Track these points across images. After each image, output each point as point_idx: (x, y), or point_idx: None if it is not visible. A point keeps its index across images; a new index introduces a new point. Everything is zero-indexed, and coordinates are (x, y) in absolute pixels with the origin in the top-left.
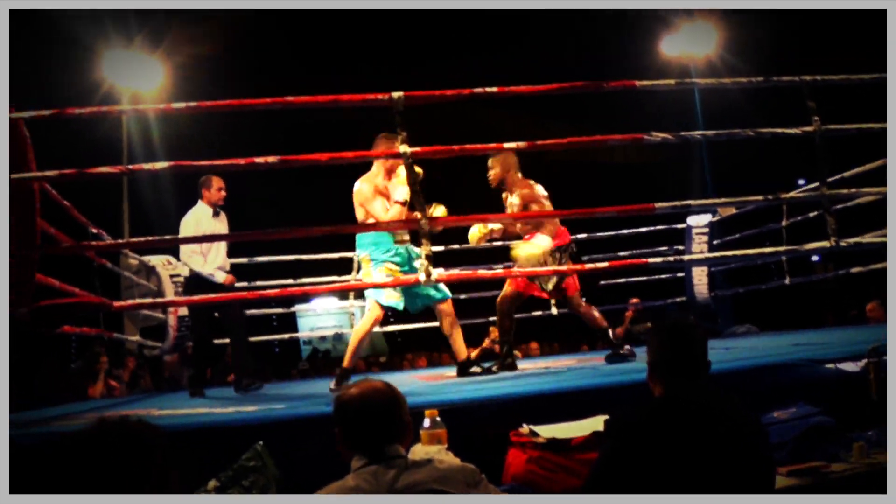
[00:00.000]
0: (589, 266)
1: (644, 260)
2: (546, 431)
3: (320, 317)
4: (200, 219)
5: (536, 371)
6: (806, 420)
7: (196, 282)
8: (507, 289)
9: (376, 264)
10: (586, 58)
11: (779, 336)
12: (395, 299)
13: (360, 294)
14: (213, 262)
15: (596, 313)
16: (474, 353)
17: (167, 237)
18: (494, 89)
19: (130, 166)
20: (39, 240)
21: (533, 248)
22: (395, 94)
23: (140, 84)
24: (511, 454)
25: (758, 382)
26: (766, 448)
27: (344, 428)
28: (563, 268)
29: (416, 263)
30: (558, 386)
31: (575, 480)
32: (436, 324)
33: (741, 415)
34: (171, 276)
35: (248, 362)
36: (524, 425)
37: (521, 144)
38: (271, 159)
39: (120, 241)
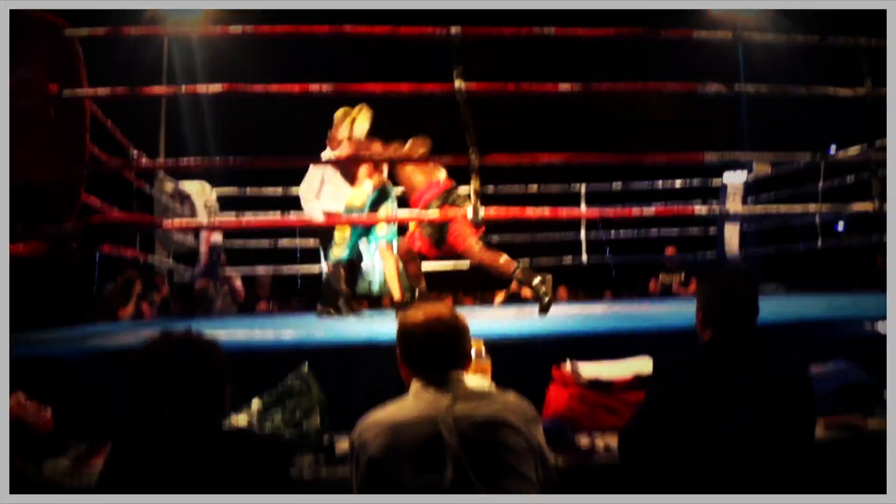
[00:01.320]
0: (635, 211)
1: (691, 208)
2: (589, 370)
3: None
4: (324, 171)
5: (573, 314)
6: (844, 376)
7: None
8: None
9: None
10: (627, 12)
11: (809, 297)
12: (342, 254)
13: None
14: (324, 201)
15: (501, 260)
16: (500, 297)
17: (221, 157)
18: (552, 30)
19: (184, 87)
20: (87, 158)
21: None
22: (453, 29)
23: (183, 12)
24: (552, 389)
25: (796, 338)
26: (811, 397)
27: (406, 349)
28: (622, 211)
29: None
30: (603, 326)
31: (615, 419)
32: (459, 264)
33: (790, 362)
34: (206, 204)
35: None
36: (567, 361)
37: (577, 86)
38: (326, 87)
39: (165, 161)
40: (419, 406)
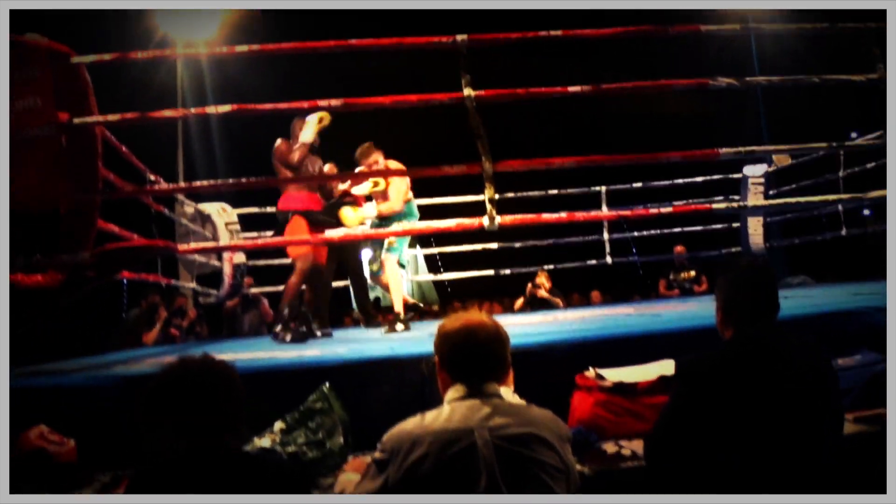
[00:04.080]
0: (653, 210)
1: (708, 205)
2: (612, 375)
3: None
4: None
5: (599, 317)
6: (871, 367)
7: None
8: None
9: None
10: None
11: (835, 287)
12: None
13: (412, 242)
14: None
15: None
16: (519, 302)
17: (230, 181)
18: (559, 32)
19: (193, 109)
20: (101, 185)
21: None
22: (459, 37)
23: (193, 33)
24: (577, 397)
25: (821, 330)
26: (837, 391)
27: (444, 357)
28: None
29: None
30: (624, 331)
31: (642, 424)
32: (485, 272)
33: (814, 357)
34: (227, 224)
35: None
36: (590, 368)
37: (586, 88)
38: (335, 102)
39: (182, 184)
40: (455, 417)
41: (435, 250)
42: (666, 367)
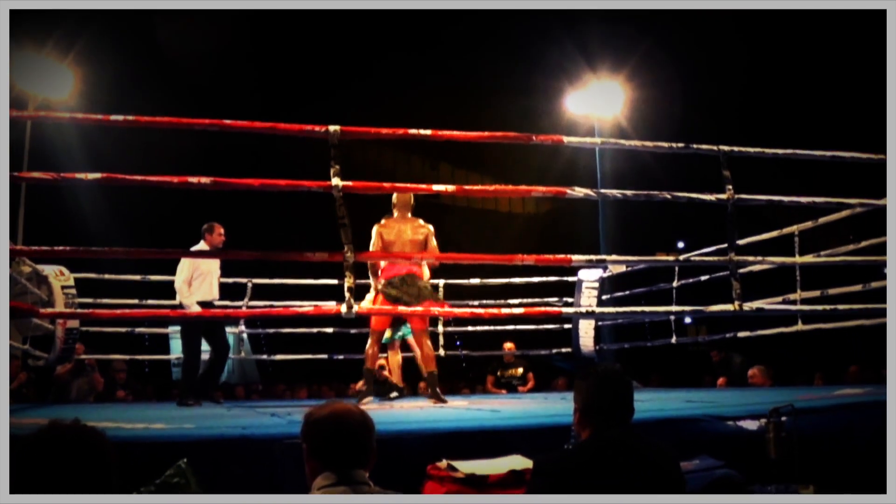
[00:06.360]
0: (506, 311)
1: (558, 310)
2: (464, 467)
3: None
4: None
5: (436, 408)
6: (711, 472)
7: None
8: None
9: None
10: (491, 107)
11: (664, 392)
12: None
13: (234, 321)
14: (196, 292)
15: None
16: (359, 384)
17: (119, 249)
18: (428, 132)
19: (63, 174)
20: None
21: None
22: (332, 128)
23: (49, 91)
24: (428, 487)
25: (660, 435)
26: (684, 493)
27: (314, 445)
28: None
29: None
30: (477, 424)
31: None
32: (318, 356)
33: (664, 460)
34: (63, 287)
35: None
36: (443, 459)
37: (451, 188)
38: (205, 180)
39: (60, 247)
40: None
41: (260, 330)
42: (515, 461)
